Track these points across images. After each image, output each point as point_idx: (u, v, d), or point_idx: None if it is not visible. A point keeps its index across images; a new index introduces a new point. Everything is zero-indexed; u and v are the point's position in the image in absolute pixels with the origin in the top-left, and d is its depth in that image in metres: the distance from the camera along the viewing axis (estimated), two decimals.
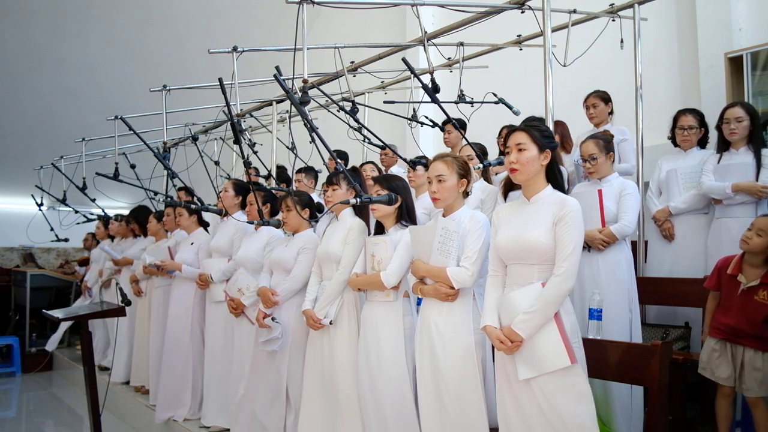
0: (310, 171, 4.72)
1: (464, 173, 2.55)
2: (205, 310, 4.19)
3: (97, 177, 5.29)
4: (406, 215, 2.85)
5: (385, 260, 2.76)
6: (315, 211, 3.48)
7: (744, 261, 2.69)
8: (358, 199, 2.72)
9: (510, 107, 3.91)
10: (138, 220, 5.61)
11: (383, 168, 4.91)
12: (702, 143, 3.65)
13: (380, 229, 2.91)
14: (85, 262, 7.75)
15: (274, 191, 4.04)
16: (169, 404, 4.29)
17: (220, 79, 3.58)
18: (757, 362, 2.57)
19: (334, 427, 2.96)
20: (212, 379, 3.99)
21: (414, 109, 4.89)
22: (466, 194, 2.59)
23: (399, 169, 4.98)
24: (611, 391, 2.80)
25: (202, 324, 4.24)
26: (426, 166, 3.65)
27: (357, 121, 3.48)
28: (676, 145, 3.70)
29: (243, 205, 4.08)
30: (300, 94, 3.11)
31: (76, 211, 6.97)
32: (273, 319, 3.25)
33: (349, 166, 4.20)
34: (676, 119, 3.66)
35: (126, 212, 5.97)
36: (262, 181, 4.97)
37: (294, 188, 4.22)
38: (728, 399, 2.72)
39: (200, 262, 4.29)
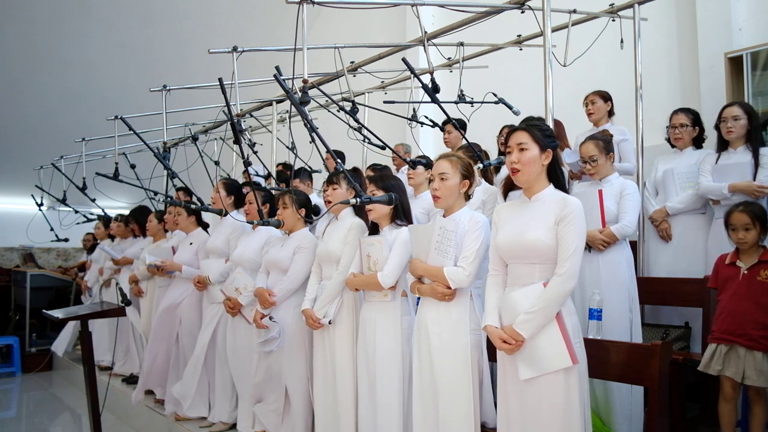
0: (304, 173, 4.71)
1: (468, 174, 2.54)
2: (202, 310, 4.17)
3: (97, 177, 5.28)
4: (402, 215, 2.85)
5: (380, 260, 2.76)
6: (311, 212, 3.48)
7: (740, 252, 2.79)
8: (358, 199, 2.72)
9: (510, 107, 3.91)
10: (137, 220, 5.60)
11: (394, 168, 4.89)
12: (698, 143, 3.64)
13: (375, 229, 2.91)
14: (84, 267, 7.74)
15: (273, 191, 4.03)
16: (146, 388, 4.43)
17: (220, 79, 3.57)
18: (757, 357, 2.60)
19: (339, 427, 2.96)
20: (211, 378, 3.99)
21: (414, 109, 4.88)
22: (468, 196, 2.58)
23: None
24: (611, 391, 2.80)
25: (197, 324, 4.19)
26: (426, 166, 3.66)
27: (357, 121, 3.47)
28: (673, 146, 3.70)
29: (237, 205, 4.07)
30: (300, 94, 3.11)
31: (76, 211, 6.96)
32: (270, 318, 3.25)
33: (349, 167, 4.19)
34: (670, 119, 3.67)
35: (126, 212, 5.97)
36: (261, 181, 4.96)
37: (293, 187, 4.22)
38: (731, 403, 2.72)
39: (199, 263, 4.28)
